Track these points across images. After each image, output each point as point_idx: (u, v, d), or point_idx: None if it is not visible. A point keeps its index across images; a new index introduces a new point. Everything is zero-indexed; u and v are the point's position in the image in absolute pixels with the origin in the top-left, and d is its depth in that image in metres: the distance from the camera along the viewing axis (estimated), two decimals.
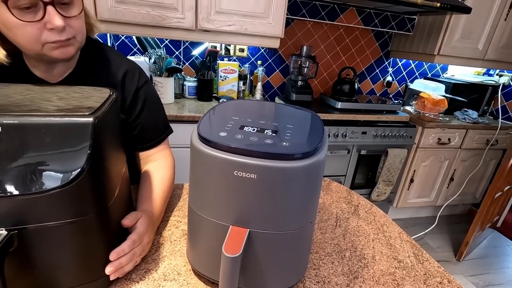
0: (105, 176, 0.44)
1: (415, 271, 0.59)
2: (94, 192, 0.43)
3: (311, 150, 0.41)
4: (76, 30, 0.55)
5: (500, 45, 2.01)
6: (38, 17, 0.49)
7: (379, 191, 2.03)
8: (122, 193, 0.52)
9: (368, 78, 2.35)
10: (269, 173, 0.39)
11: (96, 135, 0.40)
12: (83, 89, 0.52)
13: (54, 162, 0.39)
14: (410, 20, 2.09)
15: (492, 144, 2.13)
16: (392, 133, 1.88)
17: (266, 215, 0.42)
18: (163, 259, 0.54)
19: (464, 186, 2.26)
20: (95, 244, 0.45)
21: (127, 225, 0.50)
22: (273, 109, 0.59)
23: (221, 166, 0.40)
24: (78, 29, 0.55)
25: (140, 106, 0.70)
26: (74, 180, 0.40)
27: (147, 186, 0.65)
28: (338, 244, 0.64)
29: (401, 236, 0.69)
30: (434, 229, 2.21)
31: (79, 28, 0.56)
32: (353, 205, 0.81)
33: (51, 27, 0.50)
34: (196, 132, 0.44)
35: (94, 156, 0.40)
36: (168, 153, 0.78)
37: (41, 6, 0.49)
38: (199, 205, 0.45)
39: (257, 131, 0.45)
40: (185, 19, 1.48)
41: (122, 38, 1.79)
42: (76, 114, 0.40)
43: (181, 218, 0.67)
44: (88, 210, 0.43)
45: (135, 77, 0.70)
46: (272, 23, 1.60)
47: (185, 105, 1.70)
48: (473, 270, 1.90)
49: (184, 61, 1.94)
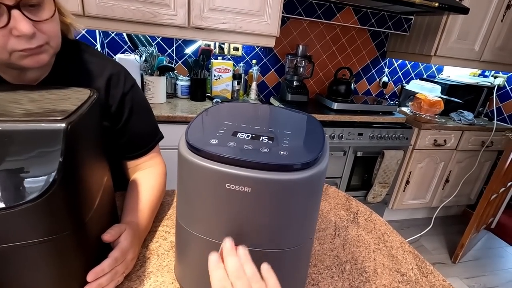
0: (81, 188, 0.40)
1: (420, 285, 0.55)
2: (69, 206, 0.38)
3: (312, 160, 0.37)
4: (49, 35, 0.47)
5: (496, 46, 2.00)
6: (1, 23, 0.42)
7: (375, 193, 2.01)
8: (103, 205, 0.48)
9: (364, 79, 2.33)
10: (265, 186, 0.35)
11: (69, 143, 0.36)
12: (60, 90, 0.48)
13: (21, 174, 0.35)
14: (407, 20, 2.07)
15: (487, 145, 2.12)
16: (388, 134, 1.86)
17: (262, 232, 0.38)
18: (148, 276, 0.50)
19: (460, 187, 2.25)
20: (72, 264, 0.41)
21: (108, 240, 0.45)
22: (269, 113, 0.55)
23: (211, 178, 0.36)
24: (51, 34, 0.48)
25: (128, 113, 0.65)
26: (44, 194, 0.35)
27: (133, 196, 0.60)
28: (338, 256, 0.60)
29: (403, 246, 0.66)
30: (429, 231, 2.19)
31: (53, 32, 0.48)
32: (352, 212, 0.77)
33: (18, 34, 0.43)
34: (184, 139, 0.39)
35: (67, 166, 0.36)
36: (159, 160, 0.73)
37: (4, 10, 0.41)
38: (187, 220, 0.41)
39: (251, 137, 0.40)
40: (177, 16, 1.43)
41: (112, 35, 1.72)
42: (46, 120, 0.35)
43: (169, 228, 0.62)
44: (63, 227, 0.38)
45: (121, 82, 0.63)
46: (268, 21, 1.56)
47: (178, 105, 1.65)
48: (469, 273, 1.89)
49: (176, 60, 1.88)
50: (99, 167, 0.47)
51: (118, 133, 0.65)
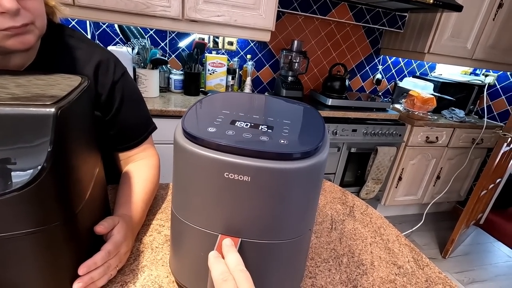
0: (71, 177, 0.38)
1: (416, 277, 0.55)
2: (58, 195, 0.36)
3: (313, 149, 0.36)
4: (34, 13, 0.45)
5: (487, 45, 2.03)
6: None
7: (368, 189, 2.02)
8: (95, 196, 0.46)
9: (358, 75, 2.34)
10: (265, 175, 0.34)
11: (59, 129, 0.34)
12: (49, 76, 0.45)
13: (8, 162, 0.33)
14: (401, 17, 2.08)
15: (477, 143, 2.16)
16: (382, 131, 1.87)
17: (261, 223, 0.37)
18: (142, 270, 0.48)
19: (450, 184, 2.29)
20: (62, 257, 0.39)
21: (101, 232, 0.43)
22: (267, 103, 0.54)
23: (209, 166, 0.35)
24: (37, 13, 0.45)
25: (118, 103, 0.62)
26: (32, 182, 0.33)
27: (126, 188, 0.58)
28: (335, 249, 0.60)
29: (399, 240, 0.66)
30: (420, 227, 2.23)
31: (37, 10, 0.46)
32: (348, 206, 0.77)
33: (2, 11, 0.40)
34: (181, 127, 0.38)
35: (56, 153, 0.34)
36: (152, 152, 0.71)
37: None
38: (183, 211, 0.40)
39: (250, 126, 0.39)
40: (171, 8, 1.40)
41: (103, 26, 1.68)
42: (34, 104, 0.33)
43: (164, 222, 0.61)
44: (52, 218, 0.36)
45: (110, 69, 0.61)
46: (263, 15, 1.54)
47: (171, 99, 1.62)
48: (458, 267, 1.93)
49: (170, 53, 1.85)
50: (90, 157, 0.45)
51: (108, 124, 0.62)
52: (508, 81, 2.30)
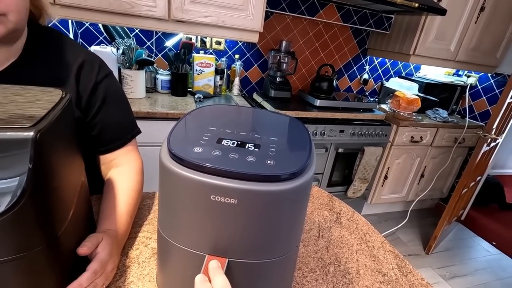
0: (53, 199, 0.37)
1: (400, 285, 0.57)
2: (40, 219, 0.35)
3: (300, 170, 0.36)
4: (8, 6, 0.45)
5: (470, 47, 2.08)
6: None
7: (355, 188, 2.06)
8: (79, 213, 0.45)
9: (346, 76, 2.36)
10: (252, 198, 0.34)
11: (38, 152, 0.33)
12: (27, 90, 0.44)
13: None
14: (387, 19, 2.11)
15: (459, 142, 2.23)
16: (368, 131, 1.90)
17: (248, 243, 0.37)
18: (129, 286, 0.48)
19: (434, 182, 2.36)
20: (46, 281, 0.38)
21: (85, 253, 0.42)
22: (254, 117, 0.53)
23: (195, 189, 0.34)
24: (11, 5, 0.45)
25: (100, 102, 0.61)
26: (12, 208, 0.32)
27: (110, 200, 0.57)
28: (322, 258, 0.61)
29: (384, 246, 0.68)
30: (405, 224, 2.29)
31: (12, 4, 0.45)
32: (335, 212, 0.78)
33: None
34: (166, 148, 0.37)
35: (36, 177, 0.33)
36: (135, 156, 0.69)
37: None
38: (169, 231, 0.39)
39: (237, 145, 0.39)
40: (156, 8, 1.37)
41: (86, 25, 1.63)
42: (11, 127, 0.32)
43: (150, 234, 0.60)
44: (34, 243, 0.35)
45: (94, 70, 0.60)
46: (251, 16, 1.53)
47: (158, 100, 1.59)
48: (441, 263, 2.00)
49: (156, 53, 1.82)
50: (73, 173, 0.44)
51: (89, 125, 0.61)
52: (489, 82, 2.38)
